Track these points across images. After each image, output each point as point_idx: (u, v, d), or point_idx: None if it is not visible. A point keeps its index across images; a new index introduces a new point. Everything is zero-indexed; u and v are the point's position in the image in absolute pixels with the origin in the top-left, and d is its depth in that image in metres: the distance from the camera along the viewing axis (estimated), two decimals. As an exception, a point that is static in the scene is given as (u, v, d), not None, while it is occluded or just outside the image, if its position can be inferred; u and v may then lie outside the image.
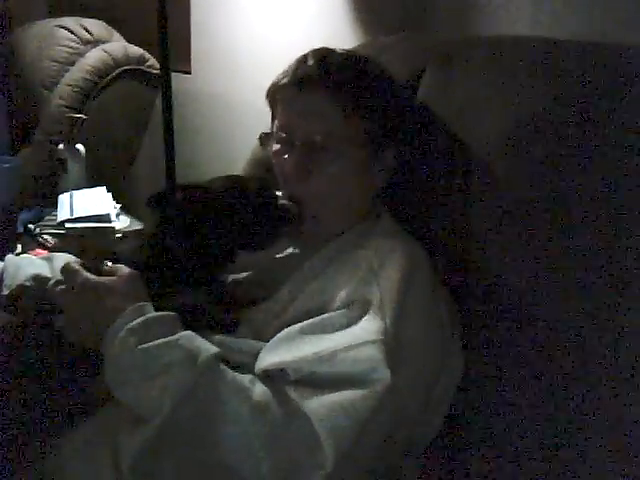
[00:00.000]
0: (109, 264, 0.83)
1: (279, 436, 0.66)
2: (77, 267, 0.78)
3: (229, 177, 0.92)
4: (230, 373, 0.70)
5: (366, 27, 1.40)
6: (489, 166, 0.91)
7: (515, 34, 1.07)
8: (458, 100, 0.98)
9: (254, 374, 0.73)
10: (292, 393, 0.69)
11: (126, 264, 0.81)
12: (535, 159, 0.86)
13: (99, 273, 0.80)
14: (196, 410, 0.67)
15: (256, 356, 0.75)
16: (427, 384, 0.77)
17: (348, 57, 0.91)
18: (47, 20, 2.37)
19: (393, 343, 0.71)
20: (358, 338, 0.71)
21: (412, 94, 1.00)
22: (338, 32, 1.45)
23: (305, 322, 0.75)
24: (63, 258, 0.97)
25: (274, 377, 0.71)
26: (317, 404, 0.67)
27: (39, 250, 1.52)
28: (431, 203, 0.97)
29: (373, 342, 0.70)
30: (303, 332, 0.74)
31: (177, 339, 0.71)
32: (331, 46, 0.95)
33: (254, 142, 1.06)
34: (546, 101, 0.88)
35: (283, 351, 0.73)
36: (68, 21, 2.23)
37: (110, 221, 1.66)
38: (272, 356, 0.73)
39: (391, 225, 0.93)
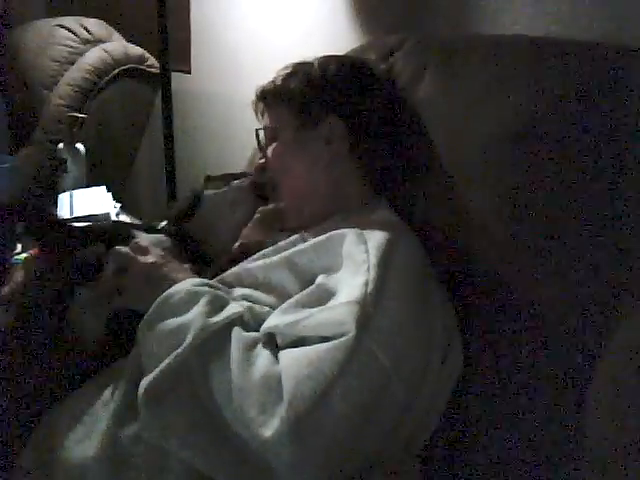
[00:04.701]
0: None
1: (249, 387, 0.70)
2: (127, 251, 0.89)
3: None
4: (243, 333, 0.76)
5: (366, 27, 1.40)
6: (488, 164, 0.91)
7: (515, 34, 1.07)
8: (458, 99, 0.98)
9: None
10: (279, 355, 0.74)
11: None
12: (534, 157, 0.87)
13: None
14: (207, 352, 0.74)
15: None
16: (412, 363, 0.77)
17: (294, 66, 1.02)
18: (47, 20, 2.36)
19: (371, 309, 0.74)
20: (336, 301, 0.75)
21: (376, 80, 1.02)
22: (338, 32, 1.46)
23: (299, 294, 0.81)
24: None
25: (270, 342, 0.77)
26: (288, 359, 0.72)
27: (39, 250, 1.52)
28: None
29: (348, 303, 0.73)
30: (298, 303, 0.79)
31: (221, 293, 0.82)
32: (330, 46, 0.95)
33: (254, 142, 1.06)
34: (545, 101, 0.88)
35: (277, 319, 0.78)
36: (68, 20, 2.23)
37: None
38: (268, 322, 0.79)
39: (387, 215, 0.95)
